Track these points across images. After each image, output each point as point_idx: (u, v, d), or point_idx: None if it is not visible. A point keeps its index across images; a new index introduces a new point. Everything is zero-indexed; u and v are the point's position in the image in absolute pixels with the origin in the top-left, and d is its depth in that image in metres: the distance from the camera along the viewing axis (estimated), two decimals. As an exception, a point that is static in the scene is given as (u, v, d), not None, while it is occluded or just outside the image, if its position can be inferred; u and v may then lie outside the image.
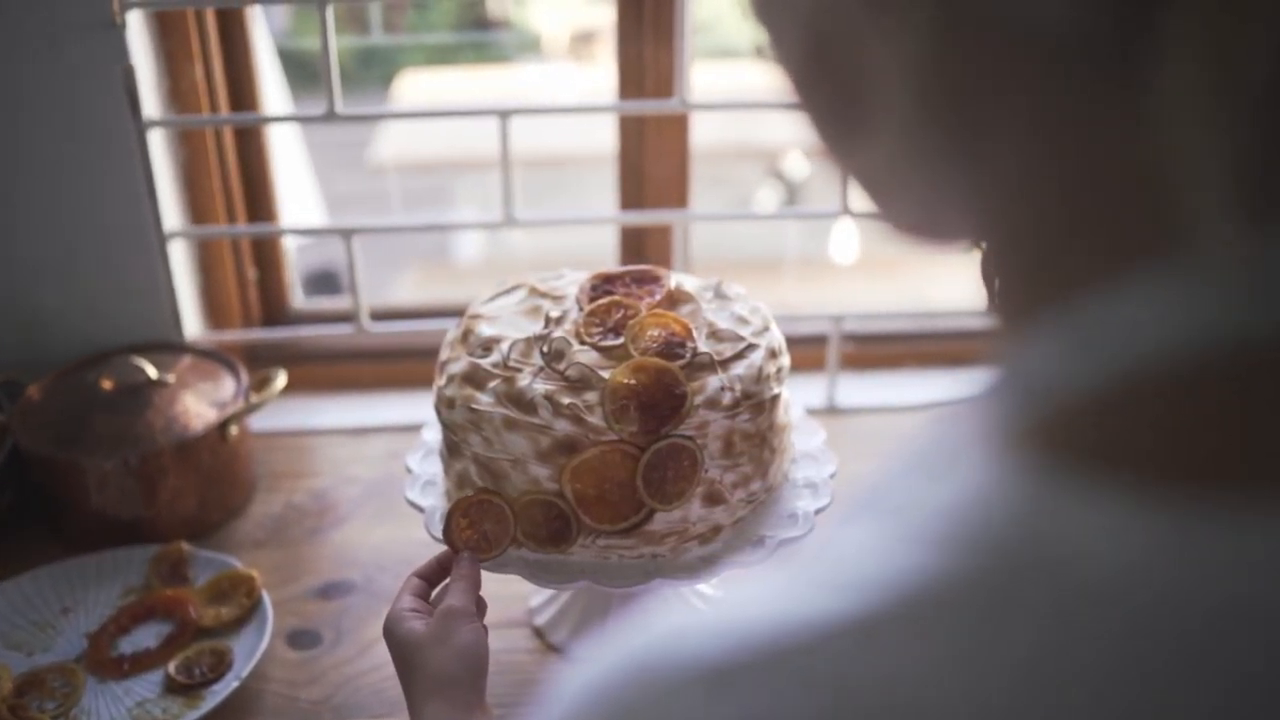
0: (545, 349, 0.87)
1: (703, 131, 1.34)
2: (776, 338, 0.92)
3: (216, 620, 0.99)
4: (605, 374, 0.84)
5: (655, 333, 0.87)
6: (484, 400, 0.85)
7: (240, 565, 1.04)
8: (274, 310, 1.38)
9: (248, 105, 1.28)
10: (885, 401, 1.34)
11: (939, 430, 0.34)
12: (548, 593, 1.02)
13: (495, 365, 0.87)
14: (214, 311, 1.33)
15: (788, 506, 0.92)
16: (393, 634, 0.80)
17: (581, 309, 0.91)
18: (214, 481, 1.12)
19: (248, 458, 1.18)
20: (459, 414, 0.86)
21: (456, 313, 1.35)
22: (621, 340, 0.86)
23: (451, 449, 0.89)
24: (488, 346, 0.89)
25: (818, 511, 0.91)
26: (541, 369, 0.86)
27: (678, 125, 1.29)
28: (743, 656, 0.27)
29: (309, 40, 3.85)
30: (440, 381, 0.90)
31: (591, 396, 0.83)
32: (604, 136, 2.80)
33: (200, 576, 1.04)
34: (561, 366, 0.85)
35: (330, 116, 1.15)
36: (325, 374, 1.36)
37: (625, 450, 0.83)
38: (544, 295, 0.95)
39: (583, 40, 4.66)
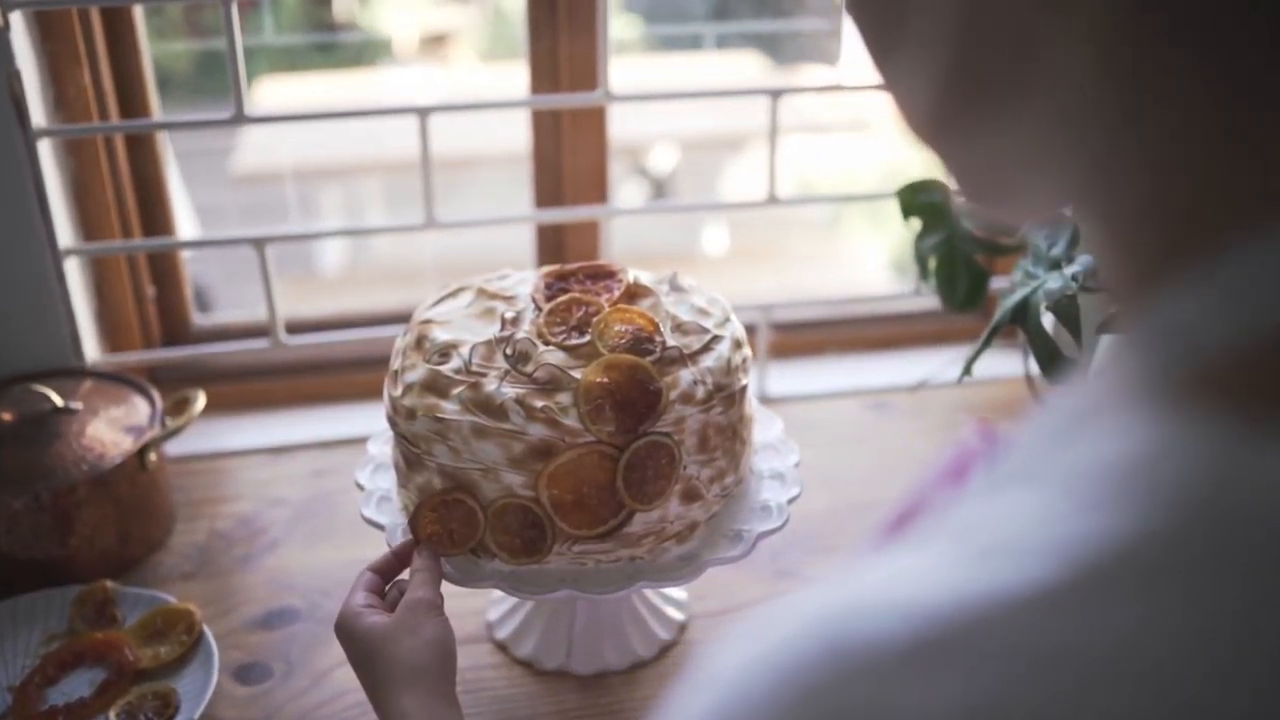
0: (509, 352, 0.83)
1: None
2: (737, 328, 0.90)
3: (155, 661, 0.92)
4: (576, 374, 0.81)
5: (621, 329, 0.84)
6: (449, 409, 0.81)
7: (174, 600, 0.97)
8: (175, 329, 1.31)
9: (139, 112, 1.20)
10: (813, 389, 1.34)
11: (1072, 394, 0.33)
12: (506, 606, 0.99)
13: (457, 371, 0.83)
14: (111, 333, 1.25)
15: (757, 499, 0.91)
16: (351, 631, 0.76)
17: (539, 308, 0.88)
18: (134, 514, 1.05)
19: (166, 486, 1.11)
20: (421, 424, 0.82)
21: (367, 323, 1.30)
22: (587, 338, 0.84)
23: (411, 462, 0.85)
24: (445, 352, 0.85)
25: (790, 501, 0.90)
26: (507, 372, 0.82)
27: (595, 118, 1.27)
28: (935, 634, 0.26)
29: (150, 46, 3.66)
30: (395, 391, 0.86)
31: (564, 398, 0.80)
32: (483, 136, 2.76)
33: (130, 616, 0.97)
34: (529, 369, 0.82)
35: (239, 119, 1.08)
36: (235, 393, 1.29)
37: (602, 452, 0.80)
38: (494, 296, 0.91)
39: (434, 42, 4.59)
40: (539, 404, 0.79)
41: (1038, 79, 0.30)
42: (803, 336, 1.42)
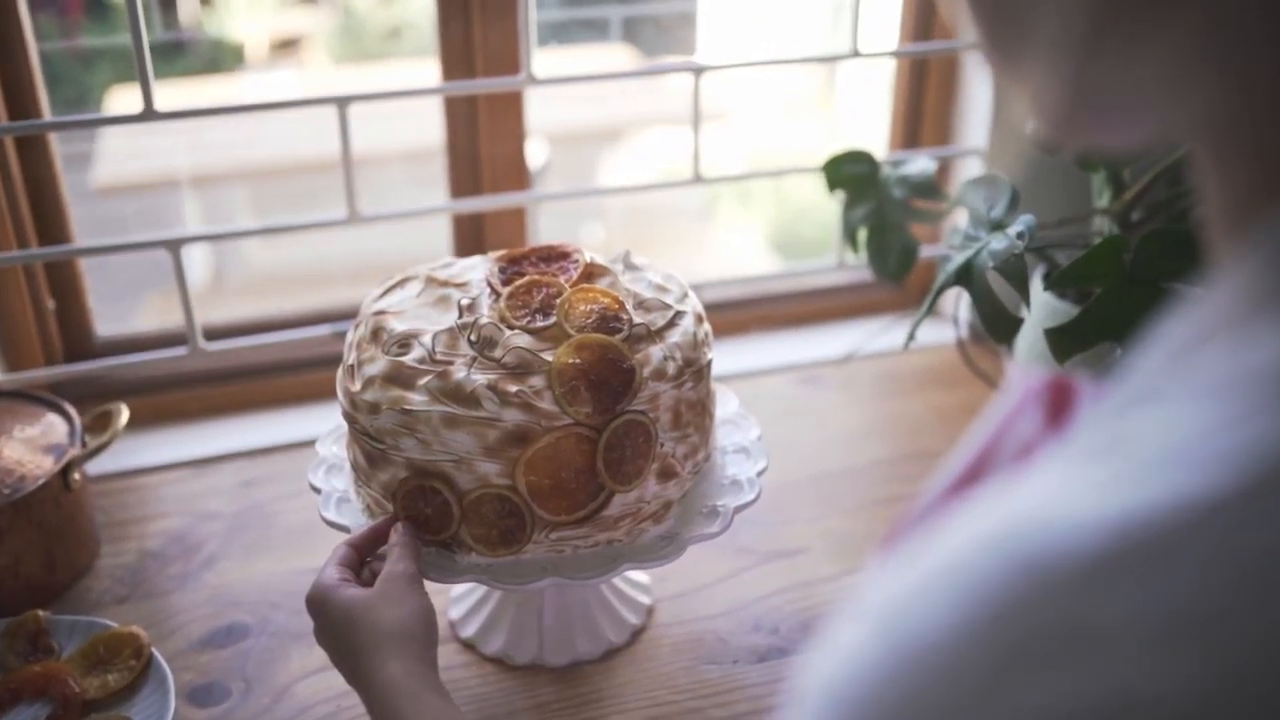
0: (474, 338, 0.81)
1: (431, 127, 1.27)
2: (696, 303, 0.90)
3: (104, 690, 0.87)
4: (546, 356, 0.79)
5: (586, 308, 0.83)
6: (417, 400, 0.78)
7: (115, 624, 0.92)
8: (77, 342, 1.23)
9: (29, 113, 1.12)
10: (743, 367, 1.34)
11: (1187, 315, 0.33)
12: (469, 603, 0.96)
13: (421, 361, 0.80)
14: (9, 349, 1.17)
15: (724, 474, 0.90)
16: (329, 602, 0.74)
17: (496, 293, 0.86)
18: (59, 538, 0.98)
19: (90, 507, 1.04)
20: (387, 418, 0.79)
21: (286, 326, 1.25)
22: (553, 320, 0.82)
23: (375, 458, 0.82)
24: (405, 343, 0.82)
25: (759, 474, 0.90)
26: (475, 359, 0.80)
27: (514, 104, 1.24)
28: (1122, 546, 0.25)
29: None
30: (354, 386, 0.82)
31: (537, 381, 0.78)
32: (375, 134, 2.68)
33: (67, 645, 0.91)
34: (497, 354, 0.79)
35: (149, 114, 1.03)
36: (149, 405, 1.23)
37: (579, 434, 0.78)
38: (445, 284, 0.88)
39: (286, 46, 4.47)
40: (512, 389, 0.77)
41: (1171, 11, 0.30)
42: (725, 316, 1.42)
